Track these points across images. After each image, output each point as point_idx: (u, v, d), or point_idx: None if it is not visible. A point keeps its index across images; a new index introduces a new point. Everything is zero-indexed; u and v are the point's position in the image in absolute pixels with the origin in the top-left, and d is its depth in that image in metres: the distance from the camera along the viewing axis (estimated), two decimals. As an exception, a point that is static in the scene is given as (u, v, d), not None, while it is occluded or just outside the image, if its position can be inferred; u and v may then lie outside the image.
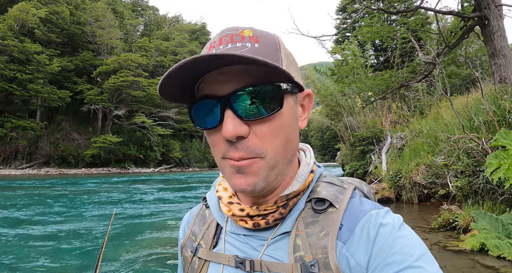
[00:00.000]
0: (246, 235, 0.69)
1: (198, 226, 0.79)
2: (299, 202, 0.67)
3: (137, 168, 44.19)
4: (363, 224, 0.59)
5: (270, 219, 0.65)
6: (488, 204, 4.53)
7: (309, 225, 0.63)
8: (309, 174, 0.68)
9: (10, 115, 36.69)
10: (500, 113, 4.94)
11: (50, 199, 14.56)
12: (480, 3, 7.14)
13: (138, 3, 70.33)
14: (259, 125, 0.58)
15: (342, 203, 0.63)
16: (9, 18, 36.21)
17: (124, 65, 42.75)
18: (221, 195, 0.73)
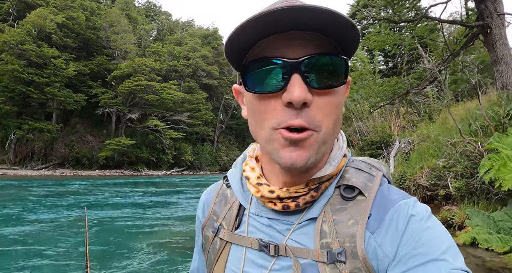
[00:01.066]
0: (271, 219, 0.68)
1: (219, 206, 0.78)
2: (329, 188, 0.66)
3: (149, 171, 44.82)
4: (392, 214, 0.59)
5: (301, 201, 0.64)
6: (484, 203, 4.85)
7: (337, 212, 0.62)
8: (342, 158, 0.68)
9: (27, 117, 37.61)
10: (496, 118, 5.25)
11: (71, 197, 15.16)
12: (483, 12, 7.43)
13: (151, 9, 71.41)
14: (321, 96, 0.58)
15: (371, 191, 0.63)
16: (27, 24, 37.20)
17: (138, 70, 43.54)
18: (248, 175, 0.72)
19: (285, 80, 0.56)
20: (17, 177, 30.77)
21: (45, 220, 9.80)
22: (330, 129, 0.59)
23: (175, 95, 46.38)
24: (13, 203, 12.98)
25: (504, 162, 3.85)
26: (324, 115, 0.58)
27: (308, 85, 0.56)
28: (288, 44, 0.57)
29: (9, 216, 10.39)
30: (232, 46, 0.58)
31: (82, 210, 9.02)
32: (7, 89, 35.44)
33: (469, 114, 6.75)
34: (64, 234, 8.11)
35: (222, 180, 0.83)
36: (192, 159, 50.87)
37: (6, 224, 9.12)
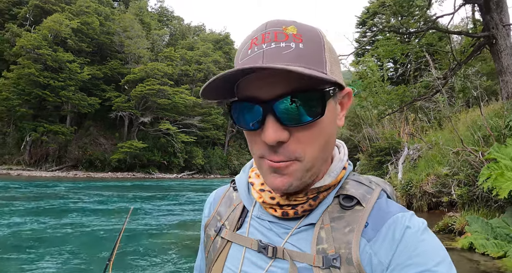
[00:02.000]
0: (272, 222, 0.70)
1: (224, 207, 0.81)
2: (328, 197, 0.67)
3: (160, 174, 45.30)
4: (389, 225, 0.61)
5: (299, 209, 0.66)
6: (484, 211, 5.04)
7: (335, 219, 0.64)
8: (341, 170, 0.69)
9: (42, 120, 38.46)
10: (498, 128, 5.43)
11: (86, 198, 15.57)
12: (489, 23, 7.60)
13: (164, 14, 72.15)
14: (300, 130, 0.59)
15: (369, 202, 0.64)
16: (43, 29, 38.09)
17: (150, 74, 44.15)
18: (253, 181, 0.74)
19: (261, 120, 0.59)
20: (32, 178, 31.26)
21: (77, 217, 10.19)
22: (314, 157, 0.61)
23: (186, 99, 46.83)
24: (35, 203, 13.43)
25: (502, 172, 4.04)
26: (305, 146, 0.60)
27: (282, 123, 0.58)
28: (263, 82, 0.58)
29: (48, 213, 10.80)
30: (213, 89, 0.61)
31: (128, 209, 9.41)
32: (24, 92, 36.30)
33: (473, 123, 6.91)
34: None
35: (230, 184, 0.86)
36: (203, 162, 51.18)
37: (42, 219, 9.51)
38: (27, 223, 9.33)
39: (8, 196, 15.61)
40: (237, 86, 0.63)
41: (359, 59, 17.21)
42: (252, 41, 0.60)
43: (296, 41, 0.57)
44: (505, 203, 4.63)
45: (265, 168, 0.63)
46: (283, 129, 0.58)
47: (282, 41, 0.57)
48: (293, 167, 0.60)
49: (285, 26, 0.59)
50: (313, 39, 0.59)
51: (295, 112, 0.57)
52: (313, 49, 0.58)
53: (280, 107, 0.57)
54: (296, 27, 0.59)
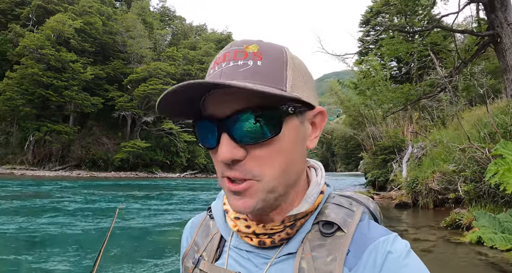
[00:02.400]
0: (249, 252, 0.68)
1: (201, 237, 0.78)
2: (306, 224, 0.65)
3: (163, 173, 45.48)
4: (370, 251, 0.59)
5: (276, 238, 0.64)
6: (490, 206, 5.14)
7: (315, 248, 0.61)
8: (318, 194, 0.67)
9: (45, 119, 38.73)
10: (504, 125, 5.52)
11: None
12: (493, 22, 7.67)
13: (166, 13, 72.36)
14: (256, 148, 0.58)
15: (350, 227, 0.62)
16: (47, 29, 38.39)
17: (153, 74, 44.35)
18: (227, 208, 0.73)
19: (217, 139, 0.58)
20: (36, 177, 31.37)
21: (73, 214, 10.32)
22: (276, 176, 0.59)
23: (189, 99, 46.98)
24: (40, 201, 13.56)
25: (509, 167, 4.14)
26: (263, 165, 0.58)
27: (236, 141, 0.57)
28: (220, 100, 0.57)
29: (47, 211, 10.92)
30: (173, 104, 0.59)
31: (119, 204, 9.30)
32: (27, 92, 36.57)
33: (479, 121, 7.00)
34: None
35: (206, 211, 0.83)
36: (205, 162, 51.42)
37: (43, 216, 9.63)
38: (31, 222, 9.37)
39: (13, 195, 15.74)
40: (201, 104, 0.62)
41: (363, 58, 17.30)
42: (215, 61, 0.60)
43: (254, 59, 0.57)
44: (511, 198, 4.73)
45: (226, 189, 0.62)
46: (238, 147, 0.57)
47: (240, 59, 0.57)
48: (252, 188, 0.58)
49: (246, 45, 0.59)
50: (273, 57, 0.59)
51: (248, 130, 0.56)
52: (272, 67, 0.57)
53: (233, 125, 0.56)
54: (258, 45, 0.59)
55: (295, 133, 0.60)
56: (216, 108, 0.58)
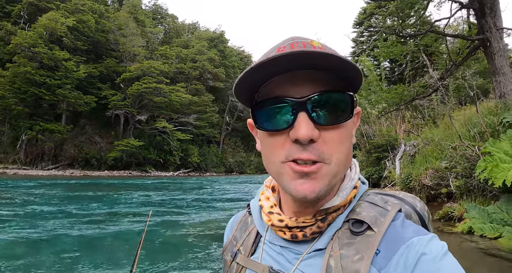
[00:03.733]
0: (282, 247, 0.69)
1: (240, 232, 0.82)
2: (337, 220, 0.65)
3: (157, 172, 45.54)
4: (401, 252, 0.56)
5: (308, 232, 0.65)
6: (480, 199, 5.60)
7: (344, 246, 0.61)
8: (351, 189, 0.68)
9: (38, 118, 38.44)
10: (492, 125, 5.96)
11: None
12: (483, 27, 8.10)
13: (158, 11, 72.04)
14: (329, 131, 0.59)
15: (381, 226, 0.61)
16: (39, 27, 38.04)
17: (147, 72, 44.28)
18: (262, 204, 0.75)
19: (292, 118, 0.59)
20: (29, 177, 31.21)
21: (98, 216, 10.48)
22: (341, 161, 0.61)
23: (182, 98, 47.05)
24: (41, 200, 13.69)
25: (497, 164, 4.57)
26: (332, 148, 0.60)
27: (314, 122, 0.58)
28: (295, 84, 0.60)
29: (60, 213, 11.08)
30: (244, 87, 0.62)
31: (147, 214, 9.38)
32: (20, 91, 36.28)
33: (469, 120, 7.44)
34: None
35: (246, 208, 0.86)
36: (198, 160, 51.48)
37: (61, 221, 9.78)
38: (30, 224, 9.26)
39: (7, 196, 15.75)
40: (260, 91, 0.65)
41: (356, 58, 17.74)
42: (279, 49, 0.61)
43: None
44: (499, 192, 5.17)
45: (289, 173, 0.61)
46: (314, 127, 0.59)
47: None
48: (322, 171, 0.60)
49: (311, 40, 0.63)
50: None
51: (326, 111, 0.59)
52: None
53: (312, 105, 0.59)
54: (320, 44, 0.63)
55: (352, 124, 0.66)
56: (292, 89, 0.60)
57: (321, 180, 0.60)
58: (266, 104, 0.63)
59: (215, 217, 11.19)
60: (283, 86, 0.61)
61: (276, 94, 0.61)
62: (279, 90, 0.61)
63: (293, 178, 0.61)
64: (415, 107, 16.11)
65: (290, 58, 0.55)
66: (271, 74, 0.60)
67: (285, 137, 0.61)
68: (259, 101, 0.65)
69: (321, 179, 0.60)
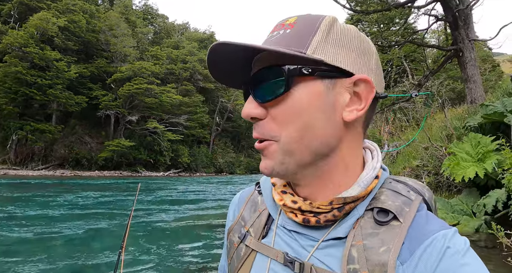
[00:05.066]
0: (296, 232, 0.65)
1: (248, 212, 0.77)
2: (358, 208, 0.61)
3: (147, 172, 45.85)
4: (426, 246, 0.54)
5: (322, 218, 0.61)
6: (446, 194, 6.37)
7: (368, 236, 0.57)
8: (373, 179, 0.63)
9: (29, 118, 38.46)
10: (458, 129, 6.76)
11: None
12: (457, 38, 8.85)
13: (148, 11, 72.12)
14: (273, 108, 0.59)
15: (407, 217, 0.58)
16: (30, 27, 38.00)
17: (138, 73, 44.52)
18: (275, 181, 0.71)
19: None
20: (19, 177, 31.34)
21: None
22: (293, 138, 0.58)
23: (173, 98, 47.42)
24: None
25: (458, 162, 5.33)
26: (280, 125, 0.58)
27: (256, 100, 0.60)
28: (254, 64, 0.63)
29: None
30: (222, 72, 0.67)
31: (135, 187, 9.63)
32: (11, 91, 36.28)
33: (443, 123, 8.22)
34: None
35: (255, 186, 0.82)
36: (188, 161, 51.90)
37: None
38: (27, 223, 9.37)
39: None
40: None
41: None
42: (271, 30, 0.64)
43: (286, 29, 0.60)
44: (461, 187, 5.93)
45: None
46: (258, 106, 0.60)
47: (277, 30, 0.61)
48: (269, 149, 0.60)
49: (288, 18, 0.63)
50: (305, 24, 0.59)
51: (261, 86, 0.59)
52: (298, 33, 0.58)
53: (253, 83, 0.60)
54: (297, 17, 0.61)
55: (315, 97, 0.58)
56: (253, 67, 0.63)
57: (272, 157, 0.60)
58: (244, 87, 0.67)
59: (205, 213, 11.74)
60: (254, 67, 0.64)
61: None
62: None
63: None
64: (400, 109, 16.90)
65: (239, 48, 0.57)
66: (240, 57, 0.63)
67: None
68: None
69: (271, 156, 0.60)
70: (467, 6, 8.56)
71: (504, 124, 5.66)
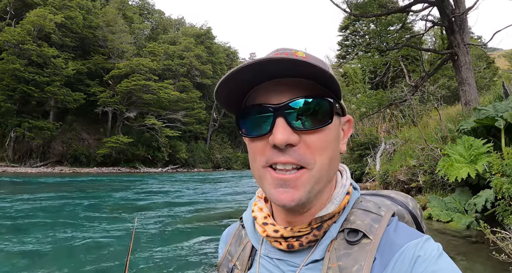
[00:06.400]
0: (279, 259, 0.68)
1: (234, 246, 0.81)
2: (331, 229, 0.65)
3: (145, 168, 46.13)
4: (397, 258, 0.57)
5: (304, 240, 0.65)
6: (441, 192, 6.83)
7: (342, 257, 0.61)
8: (344, 196, 0.67)
9: (27, 115, 38.37)
10: (452, 131, 7.20)
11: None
12: (452, 42, 9.23)
13: (145, 7, 71.82)
14: (309, 135, 0.60)
15: (377, 234, 0.61)
16: (27, 23, 37.81)
17: (136, 69, 44.50)
18: (256, 215, 0.73)
19: (271, 124, 0.60)
20: (19, 174, 31.33)
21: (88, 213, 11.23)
22: (325, 166, 0.61)
23: (171, 95, 47.55)
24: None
25: (451, 163, 5.78)
26: (314, 152, 0.60)
27: (292, 127, 0.59)
28: (275, 90, 0.61)
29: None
30: (225, 92, 0.63)
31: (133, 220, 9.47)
32: (8, 88, 36.17)
33: (438, 123, 8.66)
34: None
35: (239, 221, 0.85)
36: (186, 156, 52.23)
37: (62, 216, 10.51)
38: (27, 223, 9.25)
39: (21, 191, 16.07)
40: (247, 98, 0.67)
41: (342, 61, 18.87)
42: None
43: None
44: (455, 186, 6.38)
45: (268, 180, 0.62)
46: (293, 132, 0.60)
47: (290, 55, 0.60)
48: (303, 178, 0.60)
49: (295, 51, 0.64)
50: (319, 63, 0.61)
51: (304, 116, 0.60)
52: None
53: (290, 111, 0.60)
54: (304, 53, 0.64)
55: (336, 130, 0.66)
56: (272, 96, 0.62)
57: (302, 187, 0.60)
58: (248, 111, 0.65)
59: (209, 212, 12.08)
60: (267, 94, 0.62)
61: (259, 101, 0.63)
62: (263, 97, 0.63)
63: (273, 185, 0.61)
64: (397, 106, 17.34)
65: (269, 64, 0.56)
66: (254, 82, 0.62)
67: (265, 142, 0.62)
68: (242, 108, 0.67)
69: (302, 186, 0.60)
70: (462, 13, 8.93)
71: (495, 127, 6.10)
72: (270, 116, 0.61)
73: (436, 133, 8.11)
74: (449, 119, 8.72)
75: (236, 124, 0.67)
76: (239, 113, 0.66)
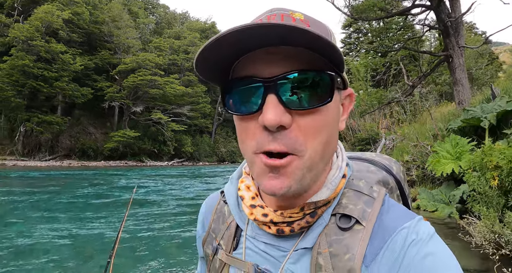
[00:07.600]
0: (267, 244, 0.64)
1: (217, 224, 0.75)
2: (324, 215, 0.60)
3: (152, 161, 46.93)
4: (388, 244, 0.55)
5: (296, 227, 0.60)
6: (430, 185, 7.55)
7: (333, 243, 0.57)
8: (340, 179, 0.62)
9: (36, 110, 39.10)
10: (442, 129, 7.89)
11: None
12: (448, 45, 9.81)
13: (149, 1, 72.08)
14: (303, 117, 0.52)
15: (370, 220, 0.57)
16: (36, 20, 38.39)
17: (142, 65, 45.10)
18: (243, 195, 0.67)
19: (261, 101, 0.52)
20: (28, 168, 31.98)
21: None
22: (317, 152, 0.54)
23: (177, 89, 48.14)
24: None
25: (438, 159, 6.47)
26: (307, 137, 0.53)
27: (285, 105, 0.51)
28: (266, 60, 0.52)
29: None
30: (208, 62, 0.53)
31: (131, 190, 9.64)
32: (18, 84, 36.90)
33: (431, 122, 9.33)
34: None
35: (220, 195, 0.79)
36: (191, 150, 52.94)
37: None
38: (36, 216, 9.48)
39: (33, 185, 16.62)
40: (232, 70, 0.58)
41: (344, 58, 19.22)
42: (256, 21, 0.52)
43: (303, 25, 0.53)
44: (443, 180, 7.07)
45: (259, 167, 0.55)
46: (286, 112, 0.51)
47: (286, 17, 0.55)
48: (293, 164, 0.53)
49: (292, 12, 0.57)
50: (320, 27, 0.57)
51: (300, 93, 0.52)
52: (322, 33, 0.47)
53: (283, 87, 0.51)
54: (303, 15, 0.57)
55: (337, 108, 0.58)
56: (263, 67, 0.52)
57: (292, 175, 0.53)
58: (235, 84, 0.56)
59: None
60: (255, 64, 0.53)
61: (247, 73, 0.54)
62: (251, 68, 0.53)
63: (263, 171, 0.55)
64: (398, 102, 17.89)
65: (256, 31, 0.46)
66: (240, 50, 0.52)
67: (255, 122, 0.54)
68: (228, 81, 0.58)
69: (292, 173, 0.53)
70: (457, 17, 9.50)
71: (480, 127, 6.72)
72: (260, 93, 0.52)
73: (428, 131, 8.80)
74: (442, 118, 9.37)
75: (221, 100, 0.60)
76: (225, 86, 0.58)
